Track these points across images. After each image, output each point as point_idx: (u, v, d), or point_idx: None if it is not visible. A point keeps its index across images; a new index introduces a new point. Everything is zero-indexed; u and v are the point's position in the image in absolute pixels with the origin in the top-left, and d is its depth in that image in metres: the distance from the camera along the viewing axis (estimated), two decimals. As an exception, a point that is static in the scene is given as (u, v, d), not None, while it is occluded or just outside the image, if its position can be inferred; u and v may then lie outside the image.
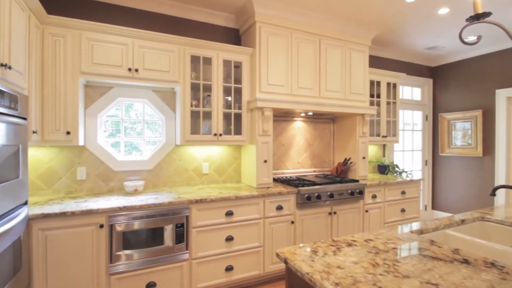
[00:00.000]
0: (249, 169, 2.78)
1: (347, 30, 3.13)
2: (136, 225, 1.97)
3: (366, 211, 3.06)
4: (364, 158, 3.33)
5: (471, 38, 3.66)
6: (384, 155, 4.20)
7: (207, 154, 2.85)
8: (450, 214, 4.46)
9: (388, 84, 3.77)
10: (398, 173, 3.81)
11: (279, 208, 2.51)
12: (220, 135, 2.57)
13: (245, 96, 2.72)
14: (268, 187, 2.66)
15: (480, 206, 4.08)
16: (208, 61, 2.64)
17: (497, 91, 3.89)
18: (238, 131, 2.82)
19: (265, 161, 2.65)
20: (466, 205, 4.26)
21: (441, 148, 4.57)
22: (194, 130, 2.69)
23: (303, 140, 3.43)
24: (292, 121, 3.36)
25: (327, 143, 3.60)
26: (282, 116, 3.29)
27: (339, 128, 3.57)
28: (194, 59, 2.59)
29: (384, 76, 3.69)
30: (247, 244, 2.37)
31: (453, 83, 4.44)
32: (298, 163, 3.39)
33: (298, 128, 3.40)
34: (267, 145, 2.68)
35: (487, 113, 4.02)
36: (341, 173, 3.39)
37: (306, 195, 2.60)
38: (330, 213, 2.78)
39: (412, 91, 4.64)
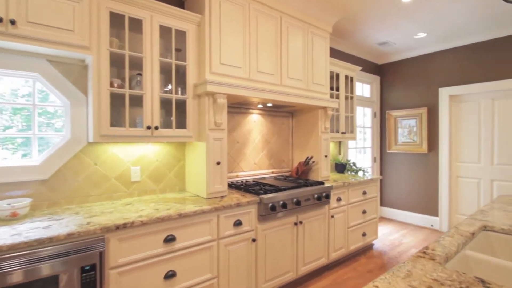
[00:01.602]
0: (197, 173, 2.14)
1: (309, 11, 2.72)
2: (5, 278, 1.15)
3: (332, 216, 2.71)
4: (326, 156, 2.99)
5: (421, 35, 3.67)
6: (340, 153, 4.00)
7: (138, 155, 2.10)
8: (397, 210, 4.54)
9: (346, 77, 3.54)
10: (355, 171, 3.62)
11: (238, 224, 1.93)
12: (156, 128, 1.86)
13: (191, 78, 2.06)
14: (222, 197, 2.06)
15: (425, 201, 4.21)
16: (137, 25, 1.90)
17: (440, 89, 4.03)
18: (181, 124, 2.14)
19: (218, 163, 2.05)
20: (412, 200, 4.37)
21: (388, 145, 4.62)
22: (117, 121, 1.92)
23: (259, 136, 2.91)
24: (248, 113, 2.81)
25: (285, 140, 3.17)
26: (237, 107, 2.71)
27: (298, 123, 3.16)
28: (116, 19, 1.82)
29: (343, 69, 3.43)
30: (195, 279, 1.73)
31: (399, 81, 4.51)
32: (254, 164, 2.86)
33: (255, 123, 2.87)
34: (221, 143, 2.08)
35: (431, 111, 4.14)
36: (302, 174, 3.00)
37: (270, 204, 2.09)
38: (295, 223, 2.33)
39: (362, 87, 4.58)
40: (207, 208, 1.74)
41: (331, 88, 3.38)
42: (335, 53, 3.93)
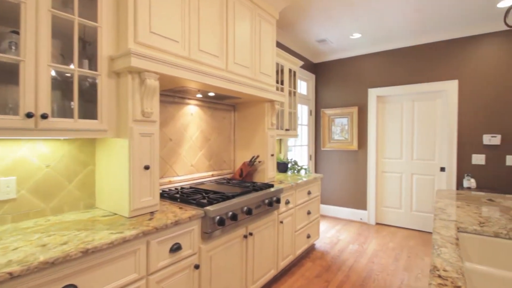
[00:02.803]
0: (115, 183, 1.53)
1: (257, -11, 2.37)
2: None
3: (281, 222, 2.44)
4: (272, 155, 2.71)
5: (356, 36, 3.77)
6: (280, 151, 3.81)
7: (12, 159, 1.36)
8: (331, 206, 4.67)
9: (290, 71, 3.35)
10: (297, 170, 3.48)
11: (176, 249, 1.43)
12: (45, 117, 1.20)
13: (106, 47, 1.44)
14: (152, 213, 1.52)
15: (355, 196, 4.42)
16: (7, -49, 1.19)
17: (369, 90, 4.26)
18: (89, 113, 1.49)
19: (147, 168, 1.50)
20: (344, 196, 4.54)
21: (323, 143, 4.71)
22: (-31, 104, 1.17)
23: (198, 132, 2.42)
24: (184, 104, 2.29)
25: (227, 137, 2.75)
26: (169, 95, 2.16)
27: (242, 118, 2.79)
28: None
29: (287, 62, 3.22)
30: None
31: (333, 80, 4.62)
32: (191, 166, 2.36)
33: (192, 116, 2.37)
34: (151, 140, 1.53)
35: (361, 110, 4.36)
36: (247, 176, 2.64)
37: (218, 217, 1.65)
38: (245, 236, 1.95)
39: (300, 84, 4.53)
40: (131, 234, 1.20)
41: (276, 81, 3.13)
42: (276, 45, 3.71)
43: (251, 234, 1.99)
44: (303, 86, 4.63)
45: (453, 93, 3.61)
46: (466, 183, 3.45)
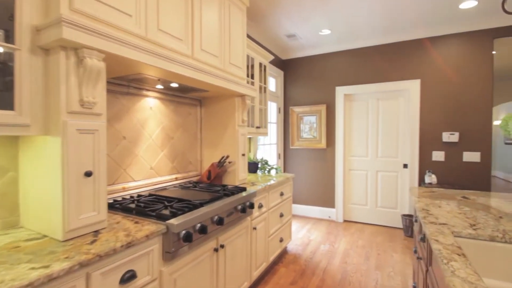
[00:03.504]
0: (44, 195, 1.16)
1: (227, -32, 2.11)
2: None
3: (254, 228, 2.22)
4: (243, 155, 2.47)
5: (326, 32, 3.69)
6: (250, 150, 3.59)
7: None
8: (300, 205, 4.58)
9: (260, 65, 3.13)
10: (268, 170, 3.29)
11: (129, 278, 1.12)
12: None
13: (28, 13, 1.06)
14: (97, 232, 1.19)
15: (324, 194, 4.38)
16: None
17: (337, 88, 4.24)
18: (2, 101, 1.10)
19: (89, 174, 1.16)
20: (313, 194, 4.48)
21: (292, 141, 4.60)
22: None
23: (159, 129, 2.08)
24: (141, 96, 1.93)
25: (192, 135, 2.45)
26: (123, 85, 1.79)
27: (209, 114, 2.51)
28: None
29: (258, 54, 3.00)
30: None
31: (301, 77, 4.53)
32: (151, 169, 2.01)
33: (152, 111, 2.02)
34: (94, 138, 1.19)
35: (329, 108, 4.32)
36: (216, 179, 2.37)
37: (184, 232, 1.37)
38: (216, 249, 1.69)
39: (269, 80, 4.35)
40: (61, 269, 0.87)
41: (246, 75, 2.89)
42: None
43: (222, 246, 1.73)
44: (272, 83, 4.46)
45: (415, 92, 3.72)
46: (427, 179, 3.57)
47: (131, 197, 1.74)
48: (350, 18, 3.27)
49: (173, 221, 1.32)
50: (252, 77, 2.97)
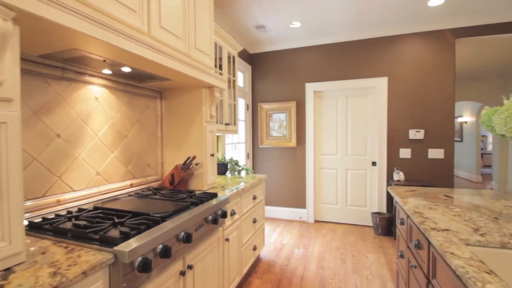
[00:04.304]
0: None
1: None
2: None
3: (227, 239, 1.93)
4: (212, 155, 2.16)
5: (296, 25, 3.52)
6: (218, 150, 3.27)
7: None
8: (269, 207, 4.38)
9: (229, 55, 2.84)
10: (238, 171, 3.01)
11: (57, 337, 0.76)
12: None
13: None
14: (9, 272, 0.80)
15: (294, 195, 4.23)
16: None
17: (307, 84, 4.12)
18: None
19: (-10, 189, 0.77)
20: (283, 195, 4.31)
21: (261, 140, 4.38)
22: None
23: (107, 125, 1.68)
24: (82, 82, 1.52)
25: (151, 133, 2.07)
26: (55, 67, 1.37)
27: (172, 108, 2.15)
28: None
29: (226, 43, 2.70)
30: None
31: (270, 73, 4.33)
32: (97, 174, 1.61)
33: (97, 102, 1.61)
34: (1, 134, 0.80)
35: (299, 105, 4.18)
36: (180, 184, 2.02)
37: (140, 259, 1.03)
38: (182, 273, 1.36)
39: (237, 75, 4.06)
40: None
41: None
42: (211, 25, 3.14)
43: (190, 267, 1.41)
44: (240, 78, 4.18)
45: (383, 90, 3.73)
46: (396, 176, 3.60)
47: (68, 212, 1.33)
48: (321, 12, 3.13)
49: (124, 246, 0.98)
50: (220, 68, 2.66)
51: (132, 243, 1.01)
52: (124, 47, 1.17)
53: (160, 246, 1.15)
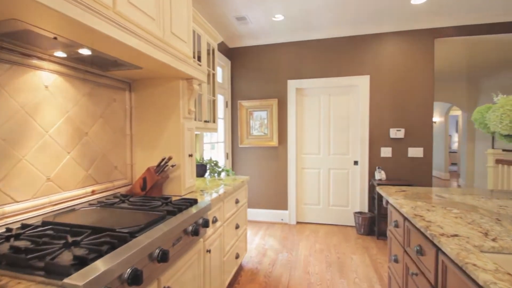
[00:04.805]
0: None
1: None
2: None
3: (208, 251, 1.71)
4: (191, 156, 1.93)
5: (279, 18, 3.37)
6: (196, 150, 3.02)
7: None
8: (249, 209, 4.19)
9: (208, 46, 2.60)
10: (218, 173, 2.79)
11: None
12: None
13: None
14: None
15: (276, 196, 4.09)
16: None
17: (289, 81, 3.98)
18: None
19: None
20: (264, 197, 4.15)
21: (241, 139, 4.17)
22: None
23: (62, 120, 1.39)
24: (28, 66, 1.22)
25: (119, 130, 1.79)
26: (-15, 45, 1.07)
27: (144, 101, 1.88)
28: None
29: (205, 32, 2.47)
30: None
31: (251, 68, 4.14)
32: (48, 180, 1.32)
33: (48, 91, 1.32)
34: None
35: (281, 103, 4.04)
36: (154, 189, 1.77)
37: (101, 292, 0.79)
38: (157, 297, 1.13)
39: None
40: None
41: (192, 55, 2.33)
42: (187, 14, 2.88)
43: (167, 289, 1.18)
44: (218, 73, 3.94)
45: (365, 88, 3.70)
46: (377, 175, 3.58)
47: (7, 230, 1.05)
48: (305, 5, 3.00)
49: (77, 277, 0.74)
50: (199, 60, 2.43)
51: (90, 272, 0.76)
52: (80, 19, 0.92)
53: (129, 270, 0.91)
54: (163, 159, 1.73)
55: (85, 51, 1.25)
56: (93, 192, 1.56)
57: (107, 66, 1.52)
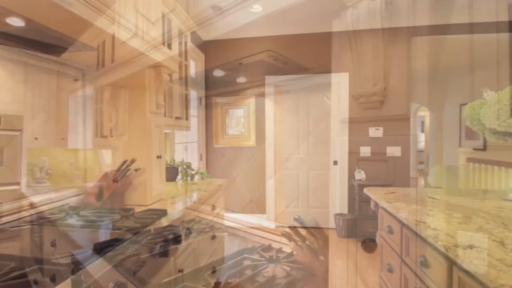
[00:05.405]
0: None
1: None
2: None
3: (180, 271, 1.44)
4: (160, 157, 1.65)
5: (257, 9, 3.16)
6: (166, 150, 2.70)
7: None
8: (230, 215, 3.93)
9: (180, 34, 2.31)
10: (191, 176, 2.51)
11: None
12: None
13: None
14: None
15: (254, 200, 3.88)
16: None
17: (267, 77, 3.79)
18: None
19: None
20: (241, 201, 3.91)
21: (215, 139, 3.91)
22: None
23: (-18, 113, 1.05)
24: None
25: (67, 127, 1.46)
26: None
27: (100, 93, 1.56)
28: None
29: (177, 17, 2.18)
30: None
31: (226, 63, 3.88)
32: (-40, 193, 0.98)
33: (-43, 71, 0.98)
34: None
35: (259, 100, 3.83)
36: (113, 199, 1.45)
37: None
38: None
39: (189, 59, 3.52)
40: None
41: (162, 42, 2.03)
42: None
43: (126, 331, 0.91)
44: (192, 66, 3.64)
45: (345, 86, 3.61)
46: (357, 176, 3.50)
47: None
48: (286, -5, 2.83)
49: None
50: (170, 47, 2.13)
51: None
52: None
53: (64, 324, 0.63)
54: (124, 162, 1.43)
55: (15, 22, 0.94)
56: (30, 206, 1.22)
57: (49, 46, 1.20)
